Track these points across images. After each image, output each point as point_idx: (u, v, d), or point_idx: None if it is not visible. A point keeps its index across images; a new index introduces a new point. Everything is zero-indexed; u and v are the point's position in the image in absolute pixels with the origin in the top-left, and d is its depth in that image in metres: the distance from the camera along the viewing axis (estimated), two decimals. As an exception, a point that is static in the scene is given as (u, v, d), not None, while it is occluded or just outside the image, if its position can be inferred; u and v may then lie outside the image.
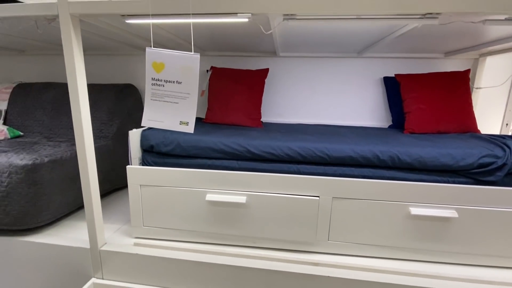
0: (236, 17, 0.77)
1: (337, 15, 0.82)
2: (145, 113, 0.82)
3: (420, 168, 0.99)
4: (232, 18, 0.77)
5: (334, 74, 1.61)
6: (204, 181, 1.03)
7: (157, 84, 0.81)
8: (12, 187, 1.04)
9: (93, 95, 1.58)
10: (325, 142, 1.05)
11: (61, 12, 0.83)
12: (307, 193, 0.99)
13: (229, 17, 0.77)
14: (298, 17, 0.81)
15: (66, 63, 0.87)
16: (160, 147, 1.09)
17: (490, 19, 0.84)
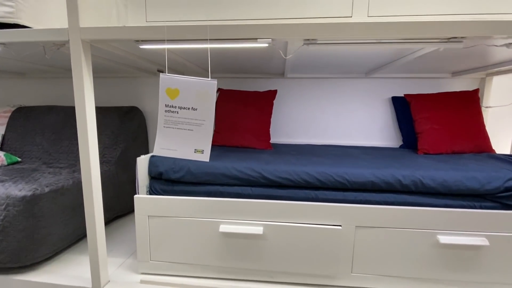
0: (256, 42, 0.74)
1: (359, 39, 0.81)
2: (157, 142, 0.77)
3: (444, 193, 0.94)
4: (252, 43, 0.75)
5: (342, 94, 1.60)
6: (218, 210, 0.96)
7: (170, 111, 0.77)
8: (8, 221, 0.96)
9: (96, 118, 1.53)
10: (344, 166, 1.00)
11: (72, 38, 0.80)
12: (328, 222, 0.94)
13: (249, 42, 0.75)
14: (319, 41, 0.79)
15: (75, 89, 0.83)
16: (170, 174, 1.03)
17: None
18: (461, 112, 1.34)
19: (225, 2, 0.87)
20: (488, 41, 0.81)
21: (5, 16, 0.84)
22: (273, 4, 0.85)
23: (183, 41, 0.78)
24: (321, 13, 0.85)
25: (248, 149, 1.38)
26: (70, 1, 0.79)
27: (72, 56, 0.81)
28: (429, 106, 1.37)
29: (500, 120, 1.51)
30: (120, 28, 0.78)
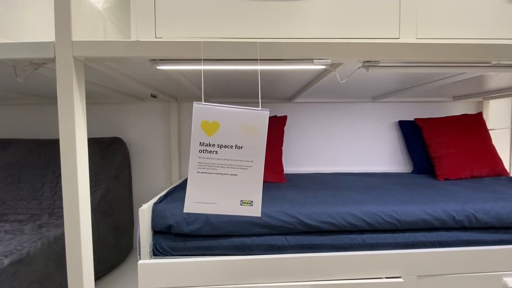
0: (311, 64, 0.60)
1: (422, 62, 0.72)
2: (189, 194, 0.57)
3: (497, 227, 0.86)
4: (308, 65, 0.61)
5: (349, 119, 1.53)
6: (249, 272, 0.75)
7: (207, 151, 0.57)
8: None
9: (69, 154, 1.24)
10: (390, 204, 0.88)
11: (60, 54, 0.59)
12: (385, 275, 0.78)
13: (303, 64, 0.60)
14: (381, 64, 0.68)
15: (61, 122, 0.60)
16: (182, 227, 0.81)
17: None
18: (472, 136, 1.34)
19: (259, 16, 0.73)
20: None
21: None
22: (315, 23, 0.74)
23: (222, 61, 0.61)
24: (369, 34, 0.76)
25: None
26: (59, 6, 0.58)
27: (59, 79, 0.59)
28: (443, 130, 1.35)
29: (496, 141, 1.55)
30: (132, 42, 0.59)
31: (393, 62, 0.71)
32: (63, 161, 0.61)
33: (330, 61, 0.61)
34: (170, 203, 0.85)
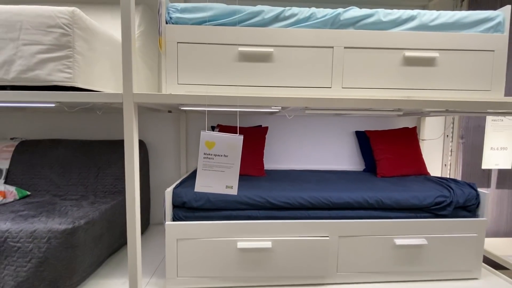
0: (270, 108, 1.05)
1: (343, 109, 1.16)
2: (197, 181, 1.02)
3: (397, 208, 1.32)
4: (267, 109, 1.05)
5: (317, 128, 1.98)
6: (235, 231, 1.21)
7: (208, 157, 1.02)
8: (50, 252, 1.09)
9: (106, 152, 1.68)
10: (328, 191, 1.33)
11: (125, 101, 1.03)
12: (319, 235, 1.25)
13: (265, 108, 1.05)
14: (311, 108, 1.13)
15: (126, 141, 1.04)
16: (192, 203, 1.26)
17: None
18: (405, 144, 1.80)
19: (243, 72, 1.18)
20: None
21: (64, 81, 1.03)
22: (277, 77, 1.18)
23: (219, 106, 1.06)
24: (311, 84, 1.20)
25: (246, 176, 1.65)
26: (126, 72, 1.02)
27: (125, 115, 1.03)
28: (384, 140, 1.81)
29: (431, 148, 2.01)
30: (168, 95, 1.03)
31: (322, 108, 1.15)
32: (127, 157, 1.05)
33: (280, 107, 1.05)
34: (184, 188, 1.30)
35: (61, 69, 1.02)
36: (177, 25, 1.16)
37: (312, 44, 1.19)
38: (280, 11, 1.19)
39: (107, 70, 1.23)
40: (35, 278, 1.08)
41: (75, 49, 1.03)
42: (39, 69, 1.01)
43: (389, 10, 1.21)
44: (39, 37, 1.00)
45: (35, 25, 1.00)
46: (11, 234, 1.09)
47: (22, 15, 1.00)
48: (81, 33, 1.05)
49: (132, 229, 1.08)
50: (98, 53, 1.16)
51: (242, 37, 1.17)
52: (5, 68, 1.01)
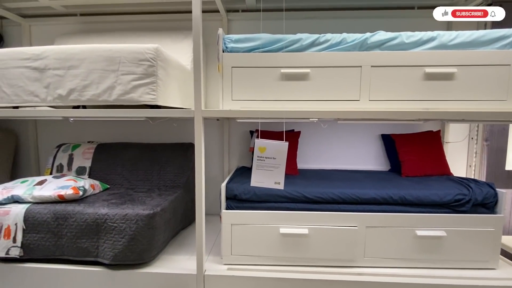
0: (308, 120, 1.30)
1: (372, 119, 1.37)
2: (253, 178, 1.30)
3: (419, 204, 1.51)
4: (306, 120, 1.30)
5: (346, 131, 2.18)
6: (278, 219, 1.48)
7: (260, 159, 1.30)
8: (137, 231, 1.43)
9: (167, 152, 2.03)
10: (356, 188, 1.55)
11: (196, 115, 1.33)
12: (348, 225, 1.47)
13: (305, 119, 1.30)
14: (343, 119, 1.36)
15: (196, 148, 1.34)
16: (242, 196, 1.54)
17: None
18: (429, 146, 1.95)
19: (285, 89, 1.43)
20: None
21: (150, 101, 1.35)
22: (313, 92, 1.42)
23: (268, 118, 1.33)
24: (341, 97, 1.43)
25: (283, 175, 1.91)
26: (197, 94, 1.32)
27: (196, 126, 1.33)
28: (408, 142, 1.97)
29: (456, 150, 2.13)
30: (228, 111, 1.32)
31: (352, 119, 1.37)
32: (197, 158, 1.35)
33: (317, 119, 1.29)
34: (235, 183, 1.59)
35: (148, 92, 1.35)
36: (231, 53, 1.45)
37: (342, 64, 1.42)
38: (316, 38, 1.42)
39: (175, 89, 1.55)
40: (127, 250, 1.42)
41: (158, 76, 1.35)
42: (133, 93, 1.34)
43: (410, 33, 1.40)
44: (133, 68, 1.33)
45: (130, 59, 1.33)
46: (109, 217, 1.45)
47: (120, 52, 1.34)
48: (161, 64, 1.37)
49: (200, 216, 1.39)
50: (171, 77, 1.48)
51: (284, 61, 1.42)
52: (108, 92, 1.36)
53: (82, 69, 1.35)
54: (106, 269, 1.45)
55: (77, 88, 1.36)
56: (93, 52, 1.34)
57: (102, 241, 1.45)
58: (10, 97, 1.43)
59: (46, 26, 2.27)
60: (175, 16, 2.14)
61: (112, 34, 2.05)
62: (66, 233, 1.46)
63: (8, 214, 1.49)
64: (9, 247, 1.47)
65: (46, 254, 1.48)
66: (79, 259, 1.47)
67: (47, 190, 1.55)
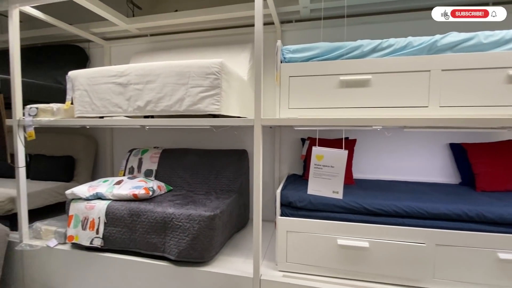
0: (371, 127, 1.26)
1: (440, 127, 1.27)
2: (309, 186, 1.30)
3: (500, 223, 1.33)
4: (369, 128, 1.26)
5: (408, 140, 2.04)
6: (336, 230, 1.45)
7: (318, 167, 1.30)
8: (200, 231, 1.54)
9: (222, 158, 2.15)
10: (422, 201, 1.44)
11: (256, 124, 1.39)
12: (415, 241, 1.37)
13: (367, 127, 1.26)
14: (409, 126, 1.29)
15: (255, 153, 1.40)
16: (297, 203, 1.55)
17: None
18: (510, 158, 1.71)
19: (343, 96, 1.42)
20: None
21: (215, 111, 1.46)
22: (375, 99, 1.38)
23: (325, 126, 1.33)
24: (407, 104, 1.35)
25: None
26: (257, 103, 1.38)
27: (255, 134, 1.40)
28: (484, 153, 1.76)
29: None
30: (287, 119, 1.35)
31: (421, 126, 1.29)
32: (255, 165, 1.41)
33: (381, 127, 1.24)
34: (289, 190, 1.61)
35: (213, 103, 1.46)
36: (289, 63, 1.49)
37: (408, 69, 1.34)
38: (378, 43, 1.38)
39: (235, 99, 1.65)
40: (190, 248, 1.54)
41: (222, 88, 1.46)
42: (200, 104, 1.47)
43: (490, 32, 1.27)
44: (201, 82, 1.46)
45: (198, 73, 1.47)
46: (175, 216, 1.58)
47: (190, 67, 1.48)
48: (225, 76, 1.48)
49: (257, 221, 1.43)
50: (232, 88, 1.58)
51: (343, 68, 1.41)
52: (179, 103, 1.51)
53: (158, 83, 1.53)
54: (171, 264, 1.58)
55: (152, 100, 1.54)
56: (167, 68, 1.51)
57: (169, 238, 1.59)
58: (99, 109, 1.68)
59: (123, 46, 2.62)
60: (233, 31, 2.29)
61: (177, 50, 2.27)
62: (138, 228, 1.64)
63: (93, 208, 1.73)
64: (93, 237, 1.71)
65: (121, 246, 1.68)
66: (148, 253, 1.63)
67: (124, 189, 1.77)
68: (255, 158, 1.41)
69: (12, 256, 1.87)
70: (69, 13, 2.32)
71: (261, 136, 1.41)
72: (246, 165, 2.21)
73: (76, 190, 1.79)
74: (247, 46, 2.09)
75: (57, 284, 1.80)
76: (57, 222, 1.98)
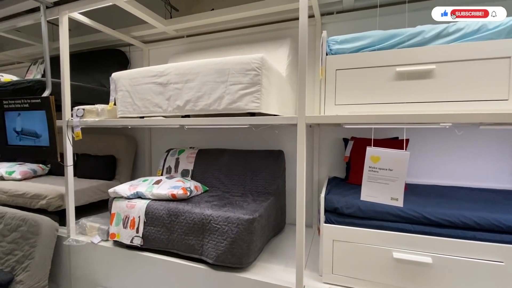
0: (439, 125, 1.08)
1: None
2: (363, 191, 1.16)
3: None
4: (436, 125, 1.09)
5: (469, 141, 1.78)
6: (391, 241, 1.28)
7: (373, 171, 1.15)
8: (238, 235, 1.46)
9: (258, 159, 2.07)
10: (497, 212, 1.22)
11: (299, 122, 1.29)
12: (491, 259, 1.15)
13: (433, 125, 1.09)
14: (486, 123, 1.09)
15: (299, 152, 1.30)
16: (343, 210, 1.41)
17: None
18: None
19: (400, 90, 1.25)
20: None
21: (255, 109, 1.38)
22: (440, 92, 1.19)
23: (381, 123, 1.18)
24: (481, 97, 1.15)
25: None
26: (301, 100, 1.28)
27: (299, 133, 1.29)
28: None
29: None
30: (335, 116, 1.23)
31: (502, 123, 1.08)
32: (299, 167, 1.31)
33: (451, 124, 1.07)
34: (335, 195, 1.47)
35: (253, 100, 1.38)
36: (336, 55, 1.36)
37: (481, 56, 1.14)
38: (443, 28, 1.20)
39: (275, 96, 1.56)
40: (229, 253, 1.47)
41: (262, 85, 1.38)
42: (240, 101, 1.40)
43: None
44: (240, 78, 1.40)
45: (238, 70, 1.40)
46: (213, 218, 1.53)
47: (229, 64, 1.42)
48: (266, 72, 1.39)
49: (300, 228, 1.32)
50: (271, 85, 1.49)
51: (400, 58, 1.25)
52: (218, 102, 1.45)
53: (197, 82, 1.49)
54: (209, 268, 1.53)
55: (192, 99, 1.51)
56: (206, 66, 1.47)
57: (207, 241, 1.54)
58: (140, 109, 1.69)
59: (160, 49, 2.68)
60: (270, 27, 2.21)
61: (213, 50, 2.25)
62: (177, 229, 1.62)
63: (133, 207, 1.75)
64: (133, 236, 1.72)
65: (160, 246, 1.67)
66: (186, 255, 1.60)
67: (163, 189, 1.76)
68: (299, 160, 1.30)
69: (61, 250, 1.97)
70: (111, 19, 2.41)
71: (305, 135, 1.30)
72: (283, 166, 2.11)
73: (118, 188, 1.83)
74: (285, 41, 1.99)
75: (100, 279, 1.85)
76: (100, 219, 2.05)
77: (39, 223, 1.84)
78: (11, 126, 1.87)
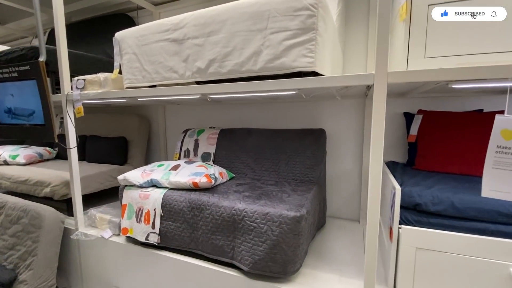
0: None
1: None
2: (485, 183, 0.76)
3: None
4: None
5: None
6: (506, 251, 0.89)
7: (503, 152, 0.74)
8: (281, 236, 1.12)
9: (294, 140, 1.69)
10: None
11: (377, 82, 0.88)
12: None
13: None
14: None
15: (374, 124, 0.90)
16: (428, 206, 1.02)
17: None
18: None
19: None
20: None
21: (307, 66, 0.98)
22: None
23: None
24: None
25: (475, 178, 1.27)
26: (381, 49, 0.86)
27: (376, 98, 0.89)
28: None
29: None
30: (439, 70, 0.81)
31: None
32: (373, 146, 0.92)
33: None
34: (414, 187, 1.08)
35: (305, 54, 0.98)
36: (431, -18, 0.91)
37: None
38: None
39: (329, 51, 1.15)
40: (269, 259, 1.14)
41: (318, 31, 0.97)
42: (285, 56, 1.00)
43: None
44: (286, 23, 0.99)
45: (282, 11, 0.99)
46: (247, 214, 1.19)
47: (269, 4, 1.01)
48: (323, 12, 0.98)
49: (373, 232, 0.95)
50: (328, 33, 1.08)
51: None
52: (253, 59, 1.06)
53: (223, 33, 1.10)
54: (243, 276, 1.21)
55: (217, 58, 1.13)
56: (236, 10, 1.07)
57: (239, 242, 1.21)
58: (151, 75, 1.33)
59: (172, 11, 2.27)
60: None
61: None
62: (201, 226, 1.30)
63: (148, 198, 1.44)
64: (149, 232, 1.43)
65: (181, 245, 1.37)
66: (213, 257, 1.29)
67: (182, 176, 1.44)
68: (374, 137, 0.91)
69: (70, 244, 1.73)
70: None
71: (385, 101, 0.89)
72: (323, 148, 1.72)
73: (128, 175, 1.52)
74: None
75: (113, 278, 1.60)
76: (111, 209, 1.77)
77: (42, 214, 1.58)
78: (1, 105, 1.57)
